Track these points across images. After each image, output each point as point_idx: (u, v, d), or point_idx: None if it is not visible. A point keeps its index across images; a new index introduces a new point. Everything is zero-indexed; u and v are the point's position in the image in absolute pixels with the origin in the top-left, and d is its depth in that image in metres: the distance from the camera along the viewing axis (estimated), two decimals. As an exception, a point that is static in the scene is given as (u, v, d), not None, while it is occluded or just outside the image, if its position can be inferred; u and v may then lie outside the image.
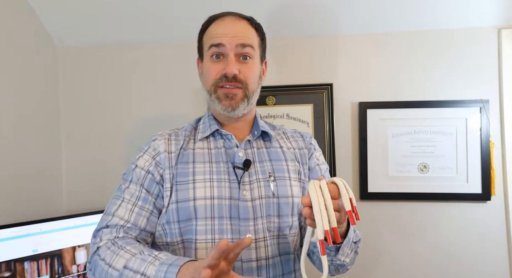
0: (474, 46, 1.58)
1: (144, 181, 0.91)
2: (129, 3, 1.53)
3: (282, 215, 0.91)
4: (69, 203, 1.71)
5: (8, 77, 1.43)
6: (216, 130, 0.96)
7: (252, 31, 0.95)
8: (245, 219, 0.87)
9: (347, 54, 1.64)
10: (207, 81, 0.94)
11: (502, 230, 1.55)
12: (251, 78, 0.93)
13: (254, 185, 0.91)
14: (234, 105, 0.92)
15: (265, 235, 0.88)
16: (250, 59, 0.93)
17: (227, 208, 0.87)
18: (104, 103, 1.72)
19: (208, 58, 0.94)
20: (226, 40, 0.90)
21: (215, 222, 0.86)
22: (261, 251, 0.87)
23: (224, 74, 0.90)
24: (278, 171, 0.94)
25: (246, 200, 0.89)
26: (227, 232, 0.86)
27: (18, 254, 1.29)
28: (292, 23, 1.60)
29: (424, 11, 1.53)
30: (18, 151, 1.46)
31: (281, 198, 0.92)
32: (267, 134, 0.99)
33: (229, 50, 0.90)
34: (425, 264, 1.59)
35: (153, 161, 0.93)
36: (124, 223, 0.87)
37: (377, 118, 1.61)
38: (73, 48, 1.72)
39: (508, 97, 1.55)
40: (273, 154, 0.97)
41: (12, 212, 1.41)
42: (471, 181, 1.56)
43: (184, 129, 1.00)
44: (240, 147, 0.94)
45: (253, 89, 0.94)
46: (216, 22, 0.95)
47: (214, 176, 0.90)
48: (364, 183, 1.61)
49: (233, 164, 0.92)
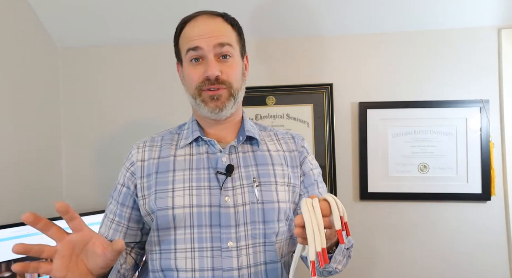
0: (474, 46, 1.58)
1: (119, 195, 0.94)
2: (129, 3, 1.53)
3: (268, 221, 0.88)
4: (69, 203, 1.71)
5: (8, 77, 1.43)
6: (198, 136, 0.93)
7: (228, 28, 0.92)
8: (226, 226, 0.85)
9: (347, 54, 1.64)
10: (190, 86, 0.91)
11: (502, 230, 1.55)
12: (234, 76, 0.90)
13: (238, 190, 0.88)
14: (220, 105, 0.89)
15: (247, 243, 0.86)
16: (230, 57, 0.89)
17: (207, 216, 0.85)
18: (104, 104, 1.72)
19: (187, 63, 0.91)
20: (203, 42, 0.87)
21: (194, 230, 0.85)
22: (243, 259, 0.85)
23: (206, 77, 0.87)
24: (264, 176, 0.91)
25: (228, 206, 0.86)
26: (207, 240, 0.84)
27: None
28: (292, 24, 1.60)
29: (424, 11, 1.53)
30: (18, 151, 1.46)
31: (266, 204, 0.89)
32: (253, 137, 0.95)
33: (207, 52, 0.87)
34: (425, 264, 1.59)
35: (127, 173, 0.94)
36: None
37: (377, 118, 1.61)
38: (73, 48, 1.72)
39: (508, 97, 1.55)
40: (260, 158, 0.94)
41: (12, 212, 1.41)
42: (471, 181, 1.56)
43: (161, 136, 0.98)
44: (224, 152, 0.91)
45: (237, 87, 0.91)
46: (189, 24, 0.92)
47: (194, 183, 0.88)
48: (364, 183, 1.61)
49: (216, 170, 0.89)
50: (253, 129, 0.97)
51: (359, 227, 1.62)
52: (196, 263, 0.84)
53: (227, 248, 0.84)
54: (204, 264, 0.84)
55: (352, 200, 1.63)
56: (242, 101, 0.98)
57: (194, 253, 0.84)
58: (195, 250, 0.84)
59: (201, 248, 0.84)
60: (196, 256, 0.84)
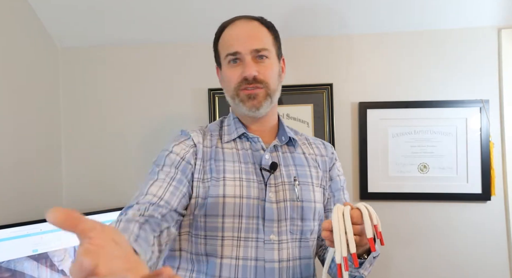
0: (474, 46, 1.58)
1: (179, 165, 0.90)
2: (129, 3, 1.53)
3: (305, 219, 0.93)
4: (69, 203, 1.71)
5: (8, 77, 1.43)
6: (243, 133, 0.97)
7: (264, 31, 0.96)
8: (269, 220, 0.89)
9: (347, 54, 1.64)
10: (229, 87, 0.96)
11: (502, 230, 1.55)
12: (271, 77, 0.94)
13: (279, 187, 0.93)
14: (257, 104, 0.93)
15: (287, 237, 0.91)
16: (266, 58, 0.94)
17: (255, 208, 0.89)
18: (104, 104, 1.72)
19: (226, 65, 0.96)
20: (241, 47, 0.91)
21: (242, 220, 0.88)
22: (283, 252, 0.89)
23: (244, 77, 0.91)
24: (302, 176, 0.96)
25: (271, 201, 0.91)
26: (253, 231, 0.88)
27: (18, 254, 1.29)
28: (292, 24, 1.60)
29: (424, 11, 1.53)
30: (18, 151, 1.46)
31: (305, 202, 0.94)
32: (291, 139, 1.01)
33: (244, 55, 0.92)
34: (424, 264, 1.59)
35: (190, 149, 0.93)
36: (157, 200, 0.82)
37: (377, 118, 1.61)
38: (73, 48, 1.72)
39: (508, 97, 1.55)
40: (297, 159, 0.99)
41: (12, 212, 1.41)
42: (471, 181, 1.56)
43: (209, 129, 1.02)
44: (267, 150, 0.96)
45: (274, 87, 0.95)
46: (227, 29, 0.96)
47: (244, 175, 0.92)
48: (364, 183, 1.61)
49: (260, 166, 0.94)
50: (291, 131, 1.03)
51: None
52: (240, 252, 0.88)
53: (269, 241, 0.89)
54: (248, 254, 0.88)
55: (352, 200, 1.63)
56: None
57: (240, 242, 0.88)
58: (241, 239, 0.88)
59: (247, 238, 0.88)
60: (242, 245, 0.88)
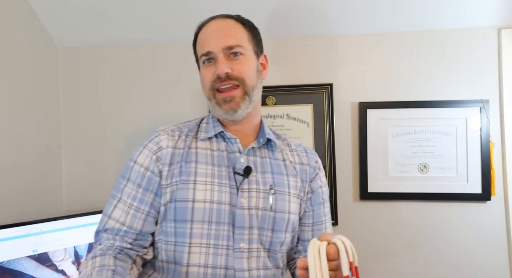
0: (474, 46, 1.58)
1: (142, 179, 0.88)
2: (129, 3, 1.53)
3: (276, 230, 0.90)
4: (69, 203, 1.72)
5: (8, 77, 1.43)
6: (220, 132, 0.93)
7: (238, 28, 0.93)
8: (240, 227, 0.86)
9: (347, 54, 1.64)
10: (205, 87, 0.93)
11: (502, 230, 1.55)
12: (246, 73, 0.90)
13: (253, 193, 0.89)
14: (235, 107, 0.89)
15: (258, 246, 0.87)
16: (241, 55, 0.90)
17: (226, 214, 0.86)
18: (104, 104, 1.72)
19: (201, 66, 0.94)
20: (213, 46, 0.89)
21: (212, 226, 0.85)
22: (253, 261, 0.86)
23: (217, 75, 0.88)
24: (279, 185, 0.92)
25: (243, 207, 0.87)
26: (223, 238, 0.85)
27: (18, 254, 1.29)
28: (292, 24, 1.60)
29: (424, 11, 1.53)
30: (18, 151, 1.46)
31: (278, 213, 0.90)
32: (271, 143, 0.96)
33: (217, 53, 0.89)
34: (424, 264, 1.59)
35: (153, 156, 0.89)
36: (120, 226, 0.85)
37: (377, 118, 1.61)
38: (73, 48, 1.72)
39: (508, 97, 1.55)
40: (276, 166, 0.95)
41: (12, 212, 1.41)
42: (471, 181, 1.56)
43: (187, 127, 0.97)
44: (243, 153, 0.91)
45: (251, 84, 0.90)
46: (203, 29, 0.94)
47: (216, 179, 0.88)
48: (364, 183, 1.61)
49: (234, 169, 0.90)
50: (272, 134, 0.98)
51: (359, 227, 1.62)
52: (209, 259, 0.84)
53: (239, 249, 0.86)
54: (218, 262, 0.84)
55: (352, 200, 1.63)
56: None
57: (209, 249, 0.84)
58: (210, 246, 0.84)
59: (217, 245, 0.85)
60: (211, 252, 0.84)
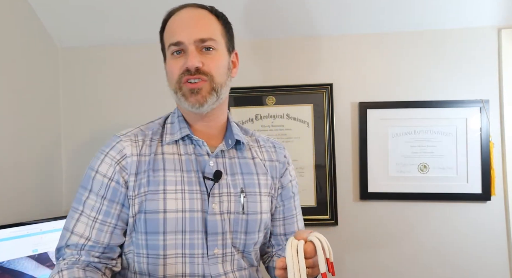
0: (474, 46, 1.58)
1: (106, 190, 0.83)
2: (129, 3, 1.53)
3: (249, 232, 0.88)
4: (69, 203, 1.71)
5: (8, 77, 1.43)
6: (187, 135, 0.88)
7: (212, 20, 0.87)
8: (213, 233, 0.84)
9: (347, 54, 1.64)
10: (171, 80, 0.87)
11: (502, 230, 1.55)
12: (217, 69, 0.85)
13: (224, 198, 0.86)
14: (201, 100, 0.83)
15: (231, 250, 0.86)
16: (213, 50, 0.85)
17: (199, 221, 0.83)
18: (104, 103, 1.72)
19: (169, 57, 0.88)
20: (184, 37, 0.83)
21: (186, 236, 0.82)
22: (227, 264, 0.86)
23: (186, 68, 0.83)
24: (249, 186, 0.90)
25: (214, 213, 0.84)
26: (198, 247, 0.83)
27: (18, 254, 1.29)
28: (292, 23, 1.60)
29: (424, 11, 1.53)
30: (18, 151, 1.46)
31: (250, 215, 0.88)
32: (240, 141, 0.92)
33: (188, 45, 0.83)
34: (425, 264, 1.59)
35: (116, 166, 0.83)
36: (84, 241, 0.81)
37: (377, 118, 1.61)
38: (73, 48, 1.72)
39: (508, 97, 1.55)
40: (245, 166, 0.92)
41: (12, 212, 1.41)
42: (471, 181, 1.56)
43: (150, 129, 0.91)
44: (212, 156, 0.88)
45: (220, 81, 0.85)
46: (173, 17, 0.88)
47: (186, 186, 0.84)
48: (364, 183, 1.61)
49: (203, 174, 0.86)
50: (240, 133, 0.94)
51: (359, 227, 1.62)
52: (187, 269, 0.82)
53: (213, 255, 0.84)
54: (195, 270, 0.83)
55: (352, 200, 1.63)
56: (242, 101, 0.97)
57: (185, 259, 0.82)
58: (186, 256, 0.82)
59: (192, 254, 0.83)
60: (187, 262, 0.82)
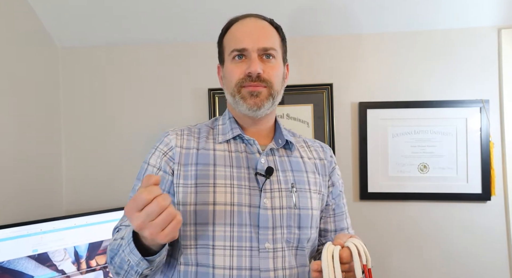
0: (474, 46, 1.58)
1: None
2: (130, 3, 1.53)
3: (303, 227, 0.90)
4: (69, 203, 1.72)
5: (8, 77, 1.43)
6: (238, 134, 0.93)
7: (273, 32, 0.93)
8: (264, 227, 0.86)
9: (347, 54, 1.64)
10: (230, 83, 0.91)
11: (502, 230, 1.55)
12: (275, 77, 0.90)
13: (275, 193, 0.89)
14: (259, 103, 0.88)
15: (282, 245, 0.87)
16: (273, 58, 0.90)
17: (247, 215, 0.86)
18: (104, 103, 1.72)
19: (229, 61, 0.91)
20: (248, 43, 0.88)
21: (234, 228, 0.85)
22: (278, 261, 0.86)
23: (248, 73, 0.87)
24: (300, 182, 0.93)
25: (266, 208, 0.87)
26: (246, 239, 0.85)
27: (18, 254, 1.29)
28: (293, 24, 1.60)
29: (424, 11, 1.53)
30: (18, 151, 1.46)
31: (302, 210, 0.91)
32: (288, 142, 0.97)
33: (251, 51, 0.88)
34: (424, 264, 1.59)
35: (164, 157, 0.90)
36: None
37: (377, 118, 1.61)
38: (73, 48, 1.72)
39: (508, 97, 1.55)
40: (295, 164, 0.95)
41: (12, 212, 1.41)
42: (471, 181, 1.56)
43: (198, 128, 0.97)
44: (263, 153, 0.92)
45: (277, 89, 0.91)
46: (236, 24, 0.92)
47: (235, 181, 0.88)
48: (364, 183, 1.61)
49: (255, 170, 0.89)
50: (288, 134, 0.99)
51: (359, 227, 1.61)
52: (234, 262, 0.84)
53: (264, 249, 0.85)
54: (243, 263, 0.84)
55: (352, 200, 1.63)
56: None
57: (233, 251, 0.85)
58: (234, 248, 0.85)
59: (240, 247, 0.85)
60: (235, 254, 0.85)
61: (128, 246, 0.73)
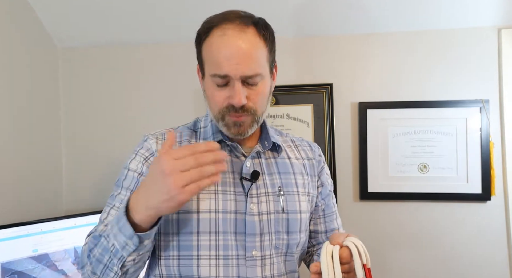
0: (474, 46, 1.58)
1: (135, 184, 0.85)
2: (129, 3, 1.53)
3: (292, 232, 0.87)
4: (69, 203, 1.72)
5: (8, 77, 1.43)
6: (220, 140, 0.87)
7: (259, 50, 0.82)
8: (251, 235, 0.83)
9: (347, 54, 1.64)
10: (213, 108, 0.85)
11: (502, 230, 1.55)
12: (260, 102, 0.84)
13: (262, 198, 0.86)
14: (243, 131, 0.84)
15: (271, 252, 0.84)
16: (259, 82, 0.82)
17: (232, 223, 0.83)
18: (104, 103, 1.72)
19: (211, 83, 0.83)
20: (231, 71, 0.78)
21: (219, 237, 0.82)
22: (267, 268, 0.83)
23: (231, 104, 0.81)
24: (287, 185, 0.90)
25: (253, 214, 0.84)
26: (232, 248, 0.82)
27: (18, 254, 1.29)
28: (292, 23, 1.60)
29: (424, 11, 1.53)
30: (18, 151, 1.46)
31: (291, 214, 0.88)
32: (275, 144, 0.92)
33: (235, 80, 0.79)
34: (424, 264, 1.59)
35: (146, 162, 0.87)
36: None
37: (377, 118, 1.61)
38: (73, 48, 1.72)
39: (508, 97, 1.55)
40: (282, 165, 0.92)
41: (12, 212, 1.41)
42: (471, 181, 1.56)
43: (179, 131, 0.92)
44: (248, 157, 0.88)
45: (262, 111, 0.86)
46: (216, 35, 0.80)
47: (219, 187, 0.84)
48: (364, 183, 1.61)
49: (240, 175, 0.86)
50: (275, 135, 0.95)
51: (358, 227, 1.62)
52: (220, 272, 0.81)
53: (251, 257, 0.83)
54: (229, 273, 0.81)
55: (352, 200, 1.63)
56: None
57: (219, 261, 0.81)
58: (220, 258, 0.82)
59: (226, 256, 0.82)
60: (221, 264, 0.82)
61: (117, 224, 0.70)
